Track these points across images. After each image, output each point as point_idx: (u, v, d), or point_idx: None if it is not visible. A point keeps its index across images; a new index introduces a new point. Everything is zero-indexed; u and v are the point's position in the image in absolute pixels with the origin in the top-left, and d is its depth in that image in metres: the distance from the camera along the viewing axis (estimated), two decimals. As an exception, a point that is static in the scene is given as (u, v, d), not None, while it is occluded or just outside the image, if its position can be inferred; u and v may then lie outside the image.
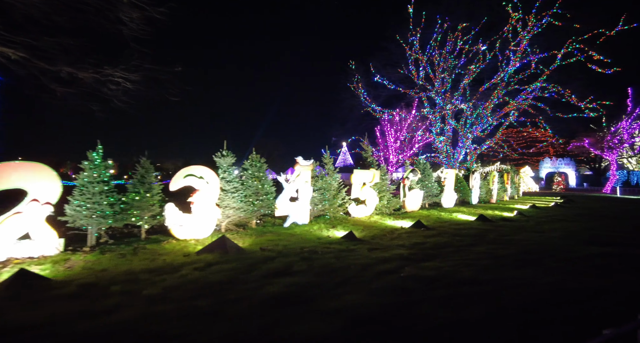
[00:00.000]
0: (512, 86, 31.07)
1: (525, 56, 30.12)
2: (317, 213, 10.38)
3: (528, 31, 29.47)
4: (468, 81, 31.39)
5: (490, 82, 31.27)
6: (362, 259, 5.75)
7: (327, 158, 10.96)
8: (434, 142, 34.03)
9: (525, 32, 29.49)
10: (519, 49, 30.22)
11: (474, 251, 6.60)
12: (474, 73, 31.20)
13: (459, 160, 34.91)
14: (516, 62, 30.57)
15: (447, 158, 34.77)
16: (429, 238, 7.73)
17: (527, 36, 29.63)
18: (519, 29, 29.49)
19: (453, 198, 14.71)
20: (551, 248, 6.96)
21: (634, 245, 7.47)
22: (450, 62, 30.72)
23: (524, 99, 31.30)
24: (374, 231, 8.65)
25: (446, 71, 30.98)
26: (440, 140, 33.58)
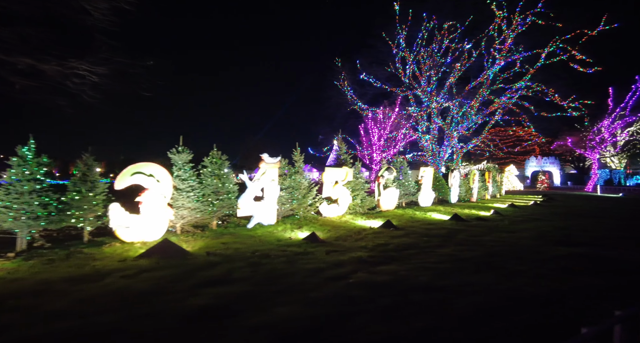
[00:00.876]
0: (497, 84, 31.25)
1: (510, 55, 30.31)
2: (285, 212, 9.99)
3: (512, 30, 29.64)
4: (454, 79, 31.43)
5: (477, 81, 31.37)
6: (315, 263, 5.39)
7: (297, 156, 10.56)
8: (420, 140, 33.99)
9: (509, 30, 29.65)
10: (504, 47, 30.39)
11: (438, 253, 6.33)
12: (459, 71, 31.26)
13: (444, 159, 34.99)
14: (501, 60, 30.74)
15: (433, 156, 34.82)
16: (394, 239, 7.43)
17: (512, 35, 29.81)
18: (503, 28, 29.63)
19: (431, 197, 14.53)
20: (519, 249, 6.75)
21: (603, 245, 7.34)
22: (436, 60, 30.68)
23: (509, 97, 31.54)
24: (341, 231, 8.32)
25: (432, 69, 30.93)
26: (426, 139, 33.57)
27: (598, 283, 4.76)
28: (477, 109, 32.38)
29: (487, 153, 43.61)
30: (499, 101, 31.59)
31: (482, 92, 31.29)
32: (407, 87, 31.94)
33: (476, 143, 35.43)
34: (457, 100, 31.67)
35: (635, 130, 44.12)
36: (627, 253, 6.59)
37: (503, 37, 30.18)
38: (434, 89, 31.60)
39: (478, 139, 34.65)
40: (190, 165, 7.91)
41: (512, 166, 46.19)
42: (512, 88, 31.16)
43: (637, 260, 6.09)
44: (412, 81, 31.56)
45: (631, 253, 6.59)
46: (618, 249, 6.96)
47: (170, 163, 7.78)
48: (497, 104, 31.79)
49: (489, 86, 31.23)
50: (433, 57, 30.41)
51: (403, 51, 30.53)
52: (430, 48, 30.44)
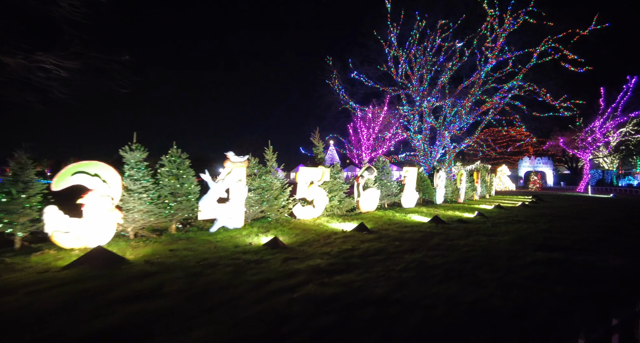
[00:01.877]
0: (489, 84, 31.12)
1: (502, 54, 30.20)
2: (255, 215, 9.50)
3: (504, 29, 29.53)
4: (446, 78, 31.22)
5: (469, 81, 31.19)
6: (265, 273, 4.92)
7: (269, 154, 10.07)
8: (412, 140, 33.71)
9: (501, 29, 29.54)
10: (496, 46, 30.27)
11: (405, 259, 5.90)
12: (451, 70, 31.06)
13: (436, 159, 34.78)
14: (493, 59, 30.60)
15: (425, 156, 34.57)
16: (364, 244, 6.99)
17: (504, 34, 29.71)
18: (495, 26, 29.50)
19: (414, 198, 14.15)
20: (494, 255, 6.35)
21: (584, 249, 6.99)
22: (428, 59, 30.42)
23: (501, 97, 31.42)
24: (310, 235, 7.85)
25: (424, 68, 30.67)
26: (418, 138, 33.29)
27: (571, 293, 4.36)
28: (470, 108, 32.22)
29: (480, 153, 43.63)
30: (490, 101, 31.47)
31: (475, 91, 31.14)
32: (399, 86, 31.65)
33: (469, 143, 35.27)
34: (450, 99, 31.45)
35: (627, 131, 44.51)
36: (607, 259, 6.23)
37: (494, 35, 30.07)
38: (426, 88, 31.35)
39: (471, 139, 34.50)
40: (144, 164, 7.38)
41: (504, 166, 46.24)
42: (503, 88, 31.08)
43: (615, 266, 5.73)
44: (405, 80, 31.27)
45: (611, 259, 6.24)
46: (598, 254, 6.61)
47: (125, 161, 7.25)
48: (489, 104, 31.67)
49: (480, 86, 31.09)
50: (425, 56, 30.17)
51: (395, 49, 30.25)
52: (422, 47, 30.20)
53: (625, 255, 6.56)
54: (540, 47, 29.50)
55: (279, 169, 10.62)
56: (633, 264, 5.93)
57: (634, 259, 6.27)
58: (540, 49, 29.51)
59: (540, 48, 29.49)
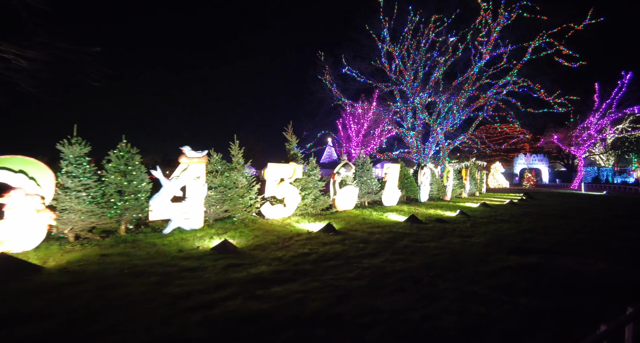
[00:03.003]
0: (483, 80, 30.59)
1: (496, 48, 29.65)
2: (218, 215, 8.89)
3: (498, 23, 28.96)
4: (439, 74, 30.64)
5: (464, 77, 30.62)
6: (194, 284, 4.34)
7: (235, 149, 9.45)
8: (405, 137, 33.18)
9: (495, 23, 28.96)
10: (489, 40, 29.70)
11: (363, 265, 5.34)
12: (445, 65, 30.49)
13: (429, 155, 34.33)
14: (486, 54, 30.03)
15: (418, 153, 34.11)
16: (324, 247, 6.43)
17: (497, 28, 29.13)
18: (489, 21, 28.91)
19: (396, 196, 13.60)
20: (462, 259, 5.81)
21: (563, 252, 6.47)
22: (421, 54, 29.81)
23: (495, 93, 30.91)
24: (270, 237, 7.27)
25: (417, 63, 30.07)
26: (411, 135, 32.77)
27: (536, 307, 3.82)
28: (464, 104, 31.70)
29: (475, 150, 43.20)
30: (484, 96, 30.96)
31: (468, 87, 30.61)
32: (392, 82, 31.04)
33: (463, 140, 34.82)
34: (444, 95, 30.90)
35: (624, 127, 44.22)
36: (587, 263, 5.71)
37: (487, 29, 29.51)
38: (419, 84, 30.77)
39: (465, 136, 34.04)
40: (86, 159, 6.75)
41: (497, 163, 45.87)
42: (498, 83, 30.56)
43: (593, 272, 5.20)
44: (398, 75, 30.65)
45: (591, 263, 5.72)
46: (578, 257, 6.10)
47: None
48: (483, 100, 31.16)
49: (474, 81, 30.56)
50: (419, 52, 29.57)
51: (388, 44, 29.60)
52: (415, 41, 29.57)
53: (607, 259, 6.05)
54: (534, 42, 29.00)
55: (251, 167, 10.03)
56: (613, 269, 5.41)
57: (616, 263, 5.76)
58: (534, 44, 29.02)
59: (534, 43, 28.99)
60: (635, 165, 47.52)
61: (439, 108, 31.65)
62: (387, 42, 29.52)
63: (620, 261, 5.93)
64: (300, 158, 10.91)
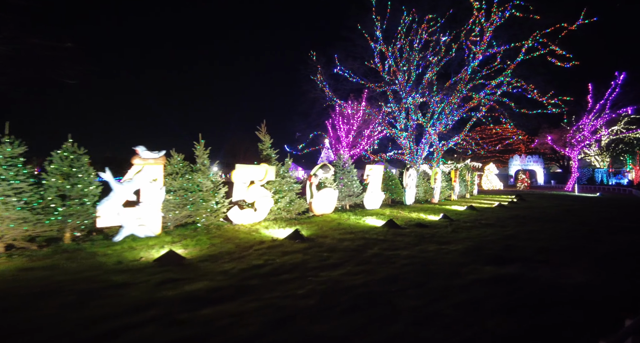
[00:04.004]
0: (476, 80, 30.32)
1: (488, 48, 29.41)
2: (179, 221, 8.29)
3: (491, 23, 28.75)
4: (432, 74, 30.32)
5: (457, 77, 30.32)
6: (115, 305, 3.77)
7: (199, 150, 8.87)
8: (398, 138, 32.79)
9: (488, 23, 28.73)
10: (483, 40, 29.46)
11: (321, 278, 4.79)
12: (438, 65, 30.19)
13: (422, 157, 33.96)
14: (479, 54, 29.76)
15: (411, 154, 33.73)
16: (284, 257, 5.87)
17: (490, 28, 28.91)
18: (482, 20, 28.67)
19: (379, 199, 13.08)
20: (434, 270, 5.29)
21: (546, 261, 5.99)
22: (415, 54, 29.47)
23: (488, 93, 30.64)
24: (228, 246, 6.70)
25: (410, 63, 29.73)
26: (404, 136, 32.38)
27: (504, 331, 3.30)
28: (458, 105, 31.40)
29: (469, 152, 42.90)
30: (477, 97, 30.67)
31: (461, 87, 30.32)
32: (386, 82, 30.66)
33: (457, 141, 34.52)
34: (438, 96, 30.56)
35: (618, 129, 44.22)
36: (570, 273, 5.23)
37: (479, 28, 29.28)
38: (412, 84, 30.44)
39: (459, 137, 33.73)
40: (20, 161, 6.14)
41: (491, 164, 45.59)
42: (491, 84, 30.31)
43: (576, 284, 4.71)
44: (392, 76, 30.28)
45: (574, 273, 5.24)
46: (561, 267, 5.61)
47: None
48: (476, 100, 30.87)
49: (467, 82, 30.28)
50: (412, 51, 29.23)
51: (380, 44, 29.24)
52: (407, 40, 29.25)
53: (593, 268, 5.57)
54: (527, 43, 28.83)
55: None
56: (599, 281, 4.93)
57: (602, 273, 5.28)
58: (527, 44, 28.84)
59: (527, 43, 28.82)
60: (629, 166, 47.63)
61: (433, 109, 31.33)
62: (380, 42, 29.18)
63: (606, 271, 5.45)
64: (275, 159, 10.36)
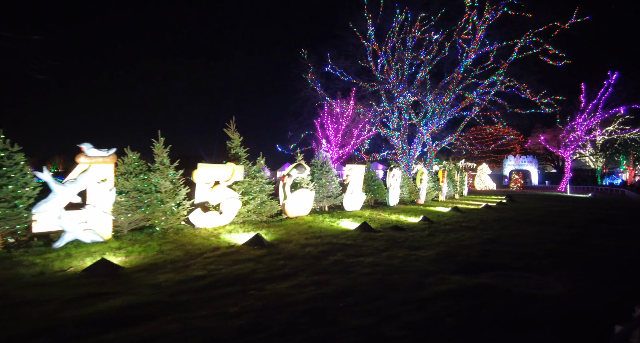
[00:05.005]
0: (469, 79, 30.03)
1: (482, 46, 29.13)
2: (135, 224, 7.69)
3: (483, 21, 28.48)
4: (424, 73, 29.98)
5: (451, 76, 29.99)
6: (7, 329, 3.18)
7: (158, 148, 8.27)
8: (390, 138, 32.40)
9: (480, 21, 28.46)
10: (475, 39, 29.16)
11: (263, 292, 4.24)
12: (430, 64, 29.86)
13: (415, 157, 33.62)
14: (472, 53, 29.45)
15: (403, 154, 33.37)
16: (231, 267, 5.31)
17: (483, 26, 28.64)
18: (474, 18, 28.39)
19: (359, 200, 12.56)
20: (396, 281, 4.76)
21: (525, 268, 5.50)
22: (407, 53, 29.10)
23: (482, 93, 30.35)
24: (177, 253, 6.12)
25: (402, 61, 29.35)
26: (396, 136, 31.99)
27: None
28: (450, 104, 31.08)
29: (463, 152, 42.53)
30: (470, 96, 30.37)
31: (454, 87, 30.00)
32: (378, 82, 30.26)
33: (451, 141, 34.20)
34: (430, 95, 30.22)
35: (612, 129, 44.21)
36: (547, 283, 4.74)
37: (471, 26, 29.00)
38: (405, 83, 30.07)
39: (453, 137, 33.41)
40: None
41: (484, 164, 45.34)
42: (484, 83, 30.03)
43: (552, 296, 4.22)
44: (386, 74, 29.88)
45: (552, 283, 4.75)
46: (540, 275, 5.13)
47: None
48: (469, 100, 30.57)
49: (460, 81, 29.97)
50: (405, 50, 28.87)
51: (372, 43, 28.85)
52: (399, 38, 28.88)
53: (574, 277, 5.09)
54: (519, 41, 28.62)
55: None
56: (578, 292, 4.44)
57: (583, 283, 4.80)
58: (519, 42, 28.63)
59: (519, 42, 28.61)
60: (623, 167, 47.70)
61: (425, 108, 31.00)
62: (373, 41, 28.81)
63: (589, 279, 4.97)
64: (244, 157, 9.79)
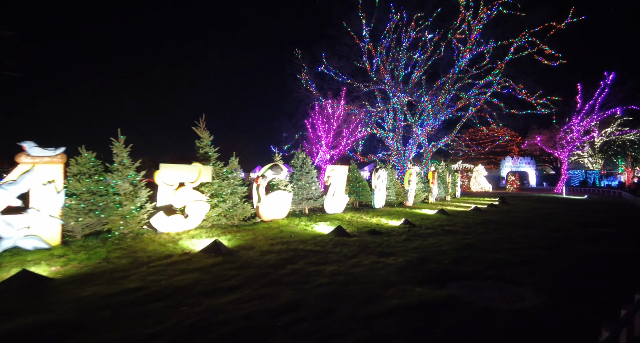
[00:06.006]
0: (465, 80, 29.78)
1: (477, 46, 28.89)
2: (90, 229, 7.23)
3: (479, 20, 28.25)
4: (419, 73, 29.73)
5: (447, 77, 29.73)
6: None
7: (118, 147, 7.82)
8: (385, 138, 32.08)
9: (475, 21, 28.23)
10: (470, 38, 28.91)
11: (196, 308, 3.82)
12: (425, 64, 29.60)
13: (410, 158, 33.31)
14: (466, 53, 29.18)
15: (398, 155, 33.06)
16: (174, 277, 4.88)
17: (478, 26, 28.41)
18: (469, 18, 28.15)
19: (342, 202, 12.14)
20: (352, 292, 4.35)
21: (495, 277, 5.11)
22: (402, 53, 28.82)
23: (478, 94, 30.08)
24: (123, 261, 5.68)
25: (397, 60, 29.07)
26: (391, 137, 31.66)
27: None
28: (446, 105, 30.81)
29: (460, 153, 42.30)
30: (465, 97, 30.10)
31: (449, 87, 29.73)
32: (373, 82, 29.96)
33: (447, 142, 33.91)
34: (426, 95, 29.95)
35: (611, 131, 43.99)
36: (516, 294, 4.34)
37: (465, 25, 28.77)
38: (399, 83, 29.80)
39: (449, 138, 33.11)
40: None
41: (480, 166, 45.04)
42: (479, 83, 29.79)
43: (517, 310, 3.81)
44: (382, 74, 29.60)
45: (521, 294, 4.35)
46: (510, 285, 4.74)
47: None
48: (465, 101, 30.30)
49: (455, 81, 29.71)
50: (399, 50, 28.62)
51: (367, 42, 28.58)
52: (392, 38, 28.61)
53: (546, 286, 4.70)
54: (514, 41, 28.43)
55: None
56: (546, 305, 4.05)
57: (555, 294, 4.41)
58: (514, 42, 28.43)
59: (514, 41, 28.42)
60: (621, 168, 47.50)
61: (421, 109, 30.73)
62: (367, 40, 28.56)
63: (561, 289, 4.57)
64: (214, 158, 9.37)
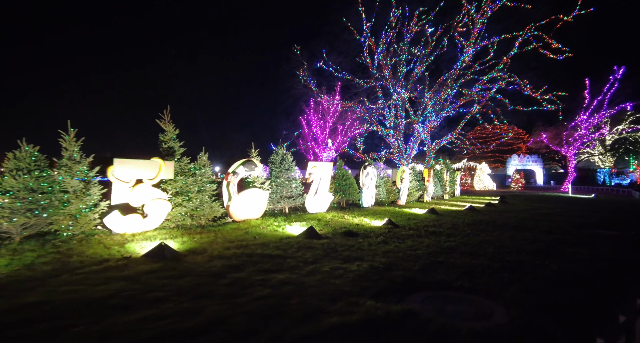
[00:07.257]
0: (468, 75, 29.09)
1: (480, 40, 28.16)
2: (31, 230, 6.74)
3: (482, 14, 27.51)
4: (421, 69, 29.08)
5: (450, 73, 29.03)
6: None
7: (68, 141, 7.33)
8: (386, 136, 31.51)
9: (478, 15, 27.49)
10: (473, 33, 28.17)
11: (93, 328, 3.29)
12: (427, 59, 28.95)
13: (411, 155, 32.73)
14: (469, 47, 28.44)
15: (399, 153, 32.51)
16: (94, 287, 4.36)
17: (481, 19, 27.67)
18: (472, 11, 27.41)
19: (325, 201, 11.57)
20: (293, 306, 3.80)
21: (468, 287, 4.53)
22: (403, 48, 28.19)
23: (481, 90, 29.37)
24: (46, 268, 5.18)
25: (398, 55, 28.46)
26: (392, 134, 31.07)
27: None
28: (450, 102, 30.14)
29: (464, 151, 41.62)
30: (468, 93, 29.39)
31: (451, 83, 29.07)
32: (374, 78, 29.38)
33: (451, 139, 33.24)
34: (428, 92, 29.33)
35: (623, 128, 42.91)
36: (485, 308, 3.77)
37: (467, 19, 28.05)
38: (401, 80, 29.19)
39: (452, 135, 32.42)
40: None
41: (484, 164, 44.20)
42: (483, 79, 29.07)
43: (479, 331, 3.23)
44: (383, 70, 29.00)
45: (489, 309, 3.78)
46: (480, 297, 4.16)
47: None
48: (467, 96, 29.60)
49: (457, 77, 29.01)
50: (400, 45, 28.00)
51: (367, 38, 28.00)
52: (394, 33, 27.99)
53: (522, 299, 4.11)
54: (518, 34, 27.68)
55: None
56: (515, 324, 3.46)
57: (527, 309, 3.82)
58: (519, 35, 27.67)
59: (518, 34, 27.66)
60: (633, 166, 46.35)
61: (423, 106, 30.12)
62: (366, 35, 27.98)
63: (538, 303, 3.98)
64: (179, 153, 8.85)
